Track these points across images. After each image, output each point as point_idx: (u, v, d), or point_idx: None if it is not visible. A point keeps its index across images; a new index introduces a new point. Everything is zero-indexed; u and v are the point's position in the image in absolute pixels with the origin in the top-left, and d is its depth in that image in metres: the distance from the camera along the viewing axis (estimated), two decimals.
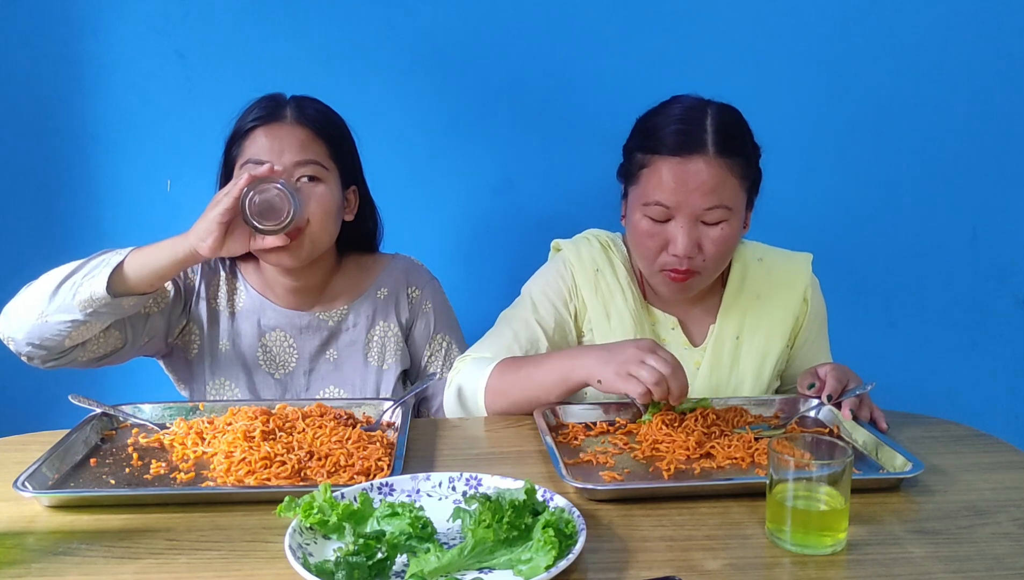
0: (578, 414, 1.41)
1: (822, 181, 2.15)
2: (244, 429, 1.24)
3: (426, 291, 1.66)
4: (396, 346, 1.62)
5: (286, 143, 1.45)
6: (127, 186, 2.05)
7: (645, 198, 1.44)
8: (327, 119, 1.51)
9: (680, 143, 1.41)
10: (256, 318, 1.58)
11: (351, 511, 0.99)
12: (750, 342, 1.57)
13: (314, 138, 1.47)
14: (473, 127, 2.07)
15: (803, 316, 1.60)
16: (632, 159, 1.49)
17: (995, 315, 2.25)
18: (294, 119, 1.47)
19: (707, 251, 1.44)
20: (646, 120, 1.49)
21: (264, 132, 1.45)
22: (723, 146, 1.41)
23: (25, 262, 2.07)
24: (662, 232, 1.44)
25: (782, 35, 2.06)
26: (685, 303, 1.59)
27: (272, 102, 1.49)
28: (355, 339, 1.60)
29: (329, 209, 1.48)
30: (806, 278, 1.60)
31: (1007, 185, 2.18)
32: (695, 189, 1.40)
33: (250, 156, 1.44)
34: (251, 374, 1.57)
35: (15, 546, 1.01)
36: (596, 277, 1.58)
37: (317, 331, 1.58)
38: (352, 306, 1.61)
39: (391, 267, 1.65)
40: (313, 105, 1.52)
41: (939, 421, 1.41)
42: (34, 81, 1.99)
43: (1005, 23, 2.10)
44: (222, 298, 1.58)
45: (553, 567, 0.90)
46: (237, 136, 1.48)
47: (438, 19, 2.01)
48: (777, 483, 1.01)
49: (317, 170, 1.47)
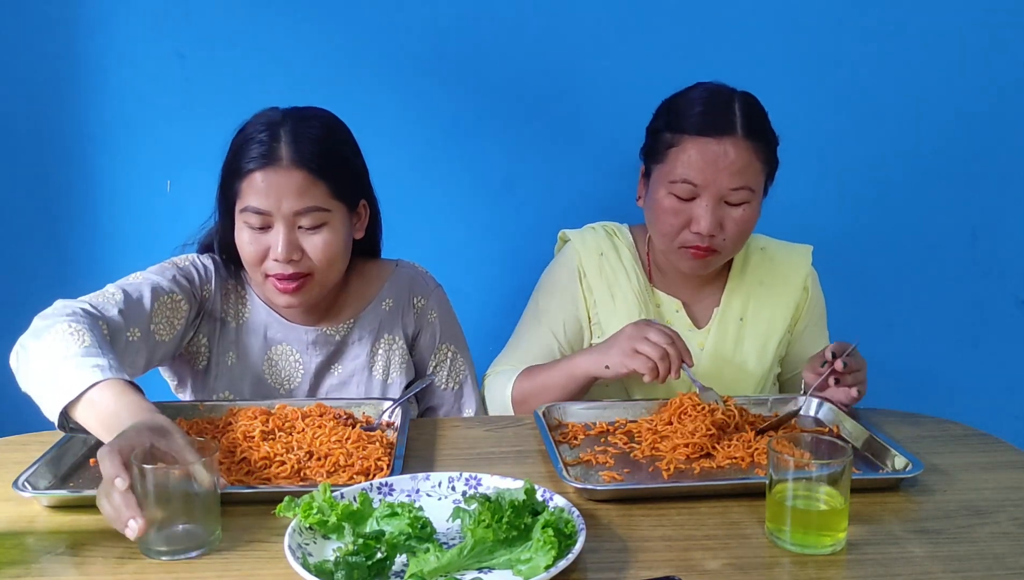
0: (578, 414, 1.41)
1: (822, 181, 2.15)
2: (244, 429, 1.24)
3: (431, 301, 1.61)
4: (401, 359, 1.57)
5: (284, 190, 1.36)
6: (127, 186, 2.05)
7: (672, 176, 1.49)
8: (327, 151, 1.40)
9: (711, 124, 1.47)
10: (263, 332, 1.53)
11: (350, 511, 0.99)
12: (754, 324, 1.61)
13: (314, 181, 1.37)
14: (473, 127, 2.07)
15: (803, 304, 1.65)
16: (659, 138, 1.53)
17: (995, 315, 2.24)
18: (291, 161, 1.36)
19: (728, 231, 1.50)
20: (673, 101, 1.55)
21: (261, 177, 1.36)
22: (750, 129, 1.48)
23: (25, 262, 2.08)
24: (686, 210, 1.49)
25: (783, 35, 2.06)
26: (689, 287, 1.64)
27: (269, 136, 1.38)
28: (360, 354, 1.55)
29: (335, 252, 1.42)
30: (806, 268, 1.66)
31: (1007, 185, 2.18)
32: (724, 169, 1.45)
33: (248, 204, 1.37)
34: (256, 388, 1.53)
35: (15, 546, 1.01)
36: (600, 261, 1.63)
37: (323, 347, 1.53)
38: (358, 319, 1.55)
39: (396, 276, 1.60)
40: (310, 134, 1.39)
41: (939, 421, 1.41)
42: (34, 81, 1.99)
43: (1005, 23, 2.09)
44: (230, 309, 1.53)
45: (553, 567, 0.90)
46: (234, 172, 1.40)
47: (438, 19, 2.01)
48: (777, 483, 1.01)
49: (318, 217, 1.38)
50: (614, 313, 1.60)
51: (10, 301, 2.06)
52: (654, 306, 1.62)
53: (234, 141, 1.42)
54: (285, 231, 1.37)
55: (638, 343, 1.36)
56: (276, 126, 1.39)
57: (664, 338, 1.36)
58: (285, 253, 1.37)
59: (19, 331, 1.43)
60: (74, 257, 2.07)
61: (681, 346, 1.37)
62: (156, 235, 2.02)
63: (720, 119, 1.47)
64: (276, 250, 1.38)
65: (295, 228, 1.38)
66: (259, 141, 1.38)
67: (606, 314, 1.61)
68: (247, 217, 1.38)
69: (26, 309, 1.84)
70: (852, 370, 1.39)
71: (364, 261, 1.61)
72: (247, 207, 1.38)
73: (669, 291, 1.64)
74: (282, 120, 1.40)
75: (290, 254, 1.37)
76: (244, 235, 1.40)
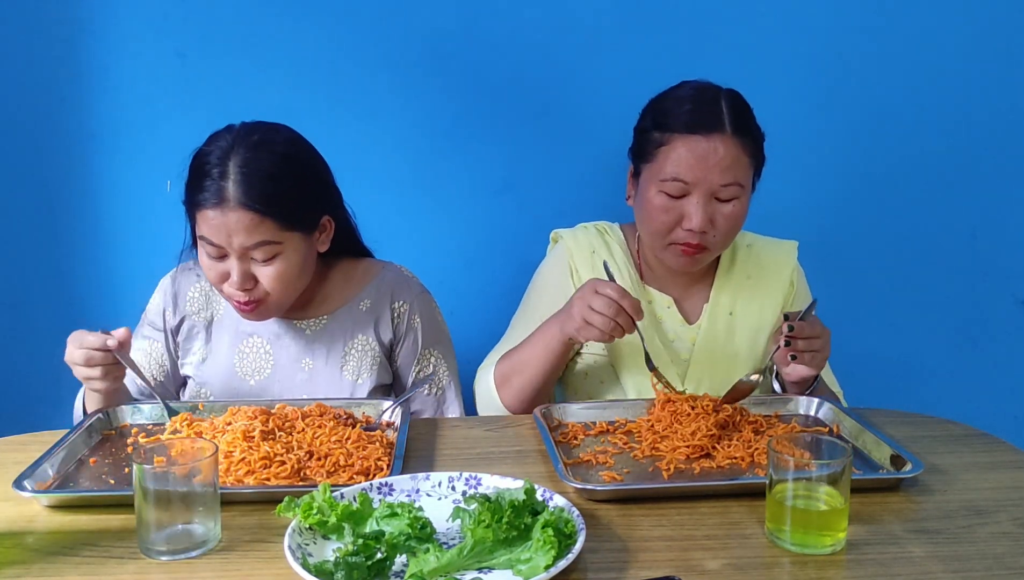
0: (578, 414, 1.41)
1: (821, 181, 2.14)
2: (243, 429, 1.24)
3: (414, 305, 1.60)
4: (373, 361, 1.57)
5: (233, 228, 1.37)
6: (127, 186, 2.04)
7: (663, 174, 1.49)
8: (276, 186, 1.39)
9: (700, 121, 1.48)
10: (235, 325, 1.56)
11: (350, 511, 0.99)
12: (744, 317, 1.62)
13: (261, 220, 1.38)
14: (473, 127, 2.07)
15: (790, 297, 1.66)
16: (648, 138, 1.54)
17: (995, 315, 2.24)
18: (238, 202, 1.37)
19: (719, 227, 1.51)
20: (660, 101, 1.56)
21: (212, 214, 1.38)
22: (738, 125, 1.49)
23: (25, 262, 2.08)
24: (677, 208, 1.50)
25: (782, 35, 2.06)
26: (680, 283, 1.65)
27: (219, 172, 1.38)
28: (331, 350, 1.56)
29: (288, 278, 1.44)
30: (792, 262, 1.68)
31: (1007, 185, 2.18)
32: (714, 166, 1.47)
33: (203, 234, 1.41)
34: (226, 380, 1.55)
35: (15, 546, 1.01)
36: (593, 258, 1.64)
37: (294, 339, 1.56)
38: (332, 316, 1.57)
39: (378, 279, 1.60)
40: (260, 169, 1.39)
41: (939, 421, 1.41)
42: (34, 81, 1.99)
43: (1005, 22, 2.09)
44: (199, 310, 1.58)
45: (552, 567, 0.90)
46: (190, 201, 1.43)
47: (438, 19, 2.01)
48: (777, 483, 1.01)
49: (269, 250, 1.40)
50: None
51: (10, 301, 2.06)
52: (646, 302, 1.63)
53: (191, 165, 1.44)
54: (238, 264, 1.41)
55: (588, 314, 1.38)
56: (226, 160, 1.39)
57: (610, 305, 1.37)
58: (239, 284, 1.42)
59: (19, 331, 1.43)
60: (74, 257, 2.07)
61: (630, 303, 1.37)
62: (156, 235, 2.03)
63: (708, 117, 1.48)
64: (232, 279, 1.42)
65: (248, 260, 1.42)
66: (210, 177, 1.39)
67: None
68: (204, 246, 1.42)
69: (26, 309, 1.86)
70: (807, 336, 1.38)
71: (351, 260, 1.62)
72: (203, 237, 1.42)
73: (660, 288, 1.65)
74: (233, 149, 1.40)
75: (243, 284, 1.42)
76: (204, 260, 1.45)
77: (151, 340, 1.59)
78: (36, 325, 2.06)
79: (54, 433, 1.30)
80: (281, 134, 1.46)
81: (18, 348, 2.06)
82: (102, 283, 2.07)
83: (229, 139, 1.42)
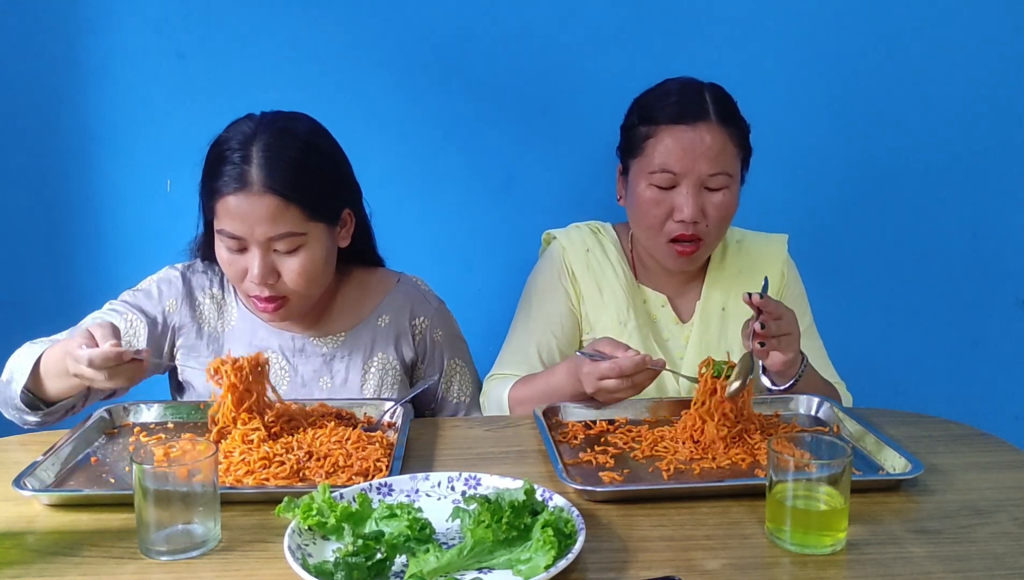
0: (578, 414, 1.40)
1: (822, 182, 2.15)
2: (244, 429, 1.24)
3: (434, 320, 1.57)
4: (393, 379, 1.53)
5: (256, 216, 1.32)
6: (127, 186, 2.05)
7: (651, 167, 1.51)
8: (301, 173, 1.35)
9: (685, 112, 1.50)
10: (247, 339, 1.50)
11: (350, 512, 0.99)
12: (736, 313, 1.62)
13: (286, 206, 1.33)
14: (473, 127, 2.07)
15: (782, 289, 1.66)
16: (634, 133, 1.55)
17: (995, 315, 2.24)
18: (262, 187, 1.32)
19: (711, 217, 1.51)
20: (644, 97, 1.58)
21: (234, 202, 1.33)
22: (723, 115, 1.51)
23: (25, 262, 2.08)
24: (667, 199, 1.51)
25: (781, 34, 2.06)
26: (674, 282, 1.65)
27: (241, 157, 1.33)
28: (351, 369, 1.51)
29: (312, 273, 1.39)
30: (782, 255, 1.68)
31: (1007, 185, 2.18)
32: (701, 154, 1.48)
33: (223, 227, 1.35)
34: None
35: (15, 546, 1.01)
36: (587, 256, 1.65)
37: (311, 357, 1.51)
38: (350, 334, 1.52)
39: (395, 293, 1.56)
40: (285, 155, 1.34)
41: (939, 421, 1.41)
42: (35, 81, 1.99)
43: (1005, 22, 2.09)
44: (210, 319, 1.51)
45: (552, 567, 0.90)
46: (209, 190, 1.37)
47: (438, 19, 2.01)
48: (777, 483, 1.01)
49: (293, 241, 1.36)
50: (602, 307, 1.62)
51: (10, 301, 2.06)
52: (640, 301, 1.63)
53: (209, 153, 1.39)
54: (260, 255, 1.35)
55: (601, 396, 1.34)
56: (248, 145, 1.35)
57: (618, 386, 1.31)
58: (260, 277, 1.36)
59: (19, 331, 1.43)
60: (74, 257, 2.07)
61: (642, 379, 1.32)
62: (156, 234, 2.03)
63: (693, 107, 1.50)
64: (252, 273, 1.36)
65: (271, 252, 1.37)
66: (231, 162, 1.34)
67: (594, 309, 1.63)
68: (223, 239, 1.37)
69: (26, 309, 1.85)
70: (773, 316, 1.33)
71: (364, 270, 1.58)
72: (222, 230, 1.36)
73: (654, 287, 1.66)
74: (256, 135, 1.36)
75: (265, 278, 1.36)
76: (223, 254, 1.39)
77: (129, 322, 1.47)
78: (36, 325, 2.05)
79: (54, 433, 1.30)
80: (303, 122, 1.43)
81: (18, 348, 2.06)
82: (102, 283, 2.06)
83: (251, 125, 1.38)
